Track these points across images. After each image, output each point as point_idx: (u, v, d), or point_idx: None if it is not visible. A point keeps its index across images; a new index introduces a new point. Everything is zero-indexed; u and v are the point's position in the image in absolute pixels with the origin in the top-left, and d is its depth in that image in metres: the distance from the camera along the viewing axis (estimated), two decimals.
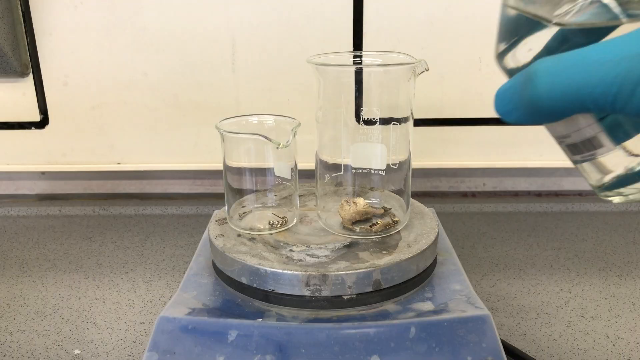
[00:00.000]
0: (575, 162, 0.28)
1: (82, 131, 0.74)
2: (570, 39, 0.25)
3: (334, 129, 0.43)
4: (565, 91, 0.22)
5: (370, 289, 0.39)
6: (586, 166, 0.28)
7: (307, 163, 0.49)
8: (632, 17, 0.23)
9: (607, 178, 0.27)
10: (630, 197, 0.27)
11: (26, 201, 0.80)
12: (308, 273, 0.38)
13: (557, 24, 0.25)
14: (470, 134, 0.72)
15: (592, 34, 0.24)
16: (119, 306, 0.53)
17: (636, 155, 0.26)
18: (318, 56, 0.43)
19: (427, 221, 0.46)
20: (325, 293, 0.38)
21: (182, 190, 0.80)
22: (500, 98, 0.25)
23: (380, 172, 0.44)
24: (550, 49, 0.26)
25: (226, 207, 0.47)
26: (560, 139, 0.28)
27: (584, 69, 0.21)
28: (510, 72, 0.28)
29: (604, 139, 0.26)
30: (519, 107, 0.24)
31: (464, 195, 0.79)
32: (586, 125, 0.26)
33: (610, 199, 0.28)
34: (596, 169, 0.27)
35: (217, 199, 0.79)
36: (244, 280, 0.40)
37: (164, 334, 0.38)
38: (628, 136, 0.26)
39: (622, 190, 0.27)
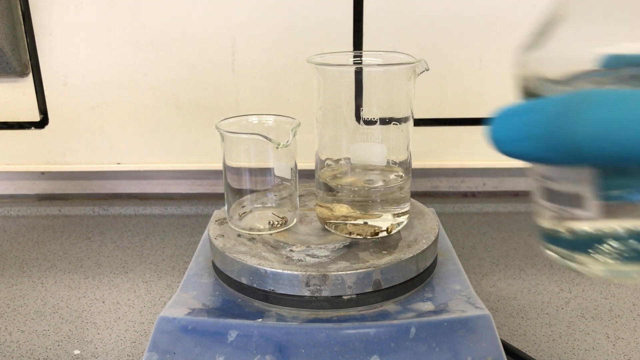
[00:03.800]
0: (539, 203, 0.24)
1: (82, 131, 0.74)
2: None
3: (334, 129, 0.43)
4: (629, 138, 0.16)
5: (370, 289, 0.39)
6: (548, 212, 0.24)
7: (307, 163, 0.49)
8: None
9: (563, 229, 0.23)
10: (568, 263, 0.23)
11: (26, 201, 0.80)
12: (308, 273, 0.38)
13: None
14: (470, 134, 0.72)
15: None
16: (118, 306, 0.53)
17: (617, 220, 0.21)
18: (318, 56, 0.43)
19: (427, 221, 0.46)
20: (325, 293, 0.38)
21: (182, 190, 0.80)
22: (506, 123, 0.19)
23: None
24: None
25: (226, 207, 0.47)
26: (542, 178, 0.23)
27: None
28: (528, 91, 0.23)
29: (593, 204, 0.21)
30: (540, 140, 0.18)
31: (464, 195, 0.79)
32: (587, 181, 0.21)
33: (548, 252, 0.24)
34: (557, 218, 0.23)
35: (217, 199, 0.79)
36: (243, 280, 0.40)
37: (163, 334, 0.38)
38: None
39: (569, 253, 0.23)
